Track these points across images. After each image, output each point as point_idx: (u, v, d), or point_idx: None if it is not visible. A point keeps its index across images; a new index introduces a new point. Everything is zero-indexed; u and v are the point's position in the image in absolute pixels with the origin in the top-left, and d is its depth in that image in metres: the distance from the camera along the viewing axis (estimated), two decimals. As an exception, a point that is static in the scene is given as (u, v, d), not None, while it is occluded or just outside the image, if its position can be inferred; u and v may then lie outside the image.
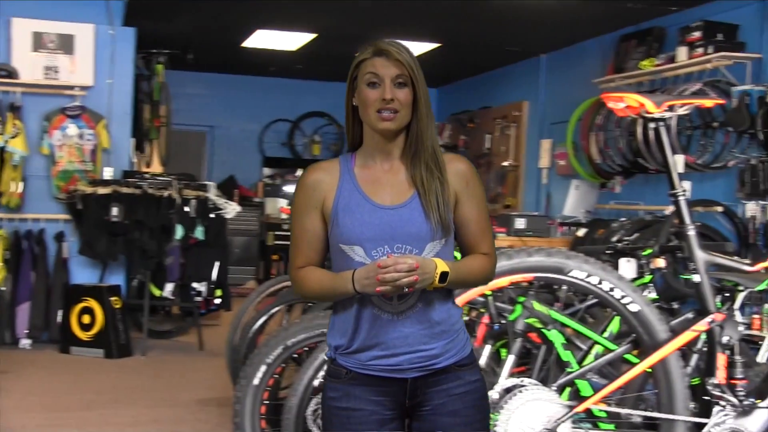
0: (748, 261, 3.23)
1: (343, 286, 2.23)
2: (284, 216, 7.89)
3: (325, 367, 2.44)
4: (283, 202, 12.05)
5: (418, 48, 9.78)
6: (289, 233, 2.38)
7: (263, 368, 4.02)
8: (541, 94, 10.34)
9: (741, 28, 7.10)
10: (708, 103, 4.13)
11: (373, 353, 2.29)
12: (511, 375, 3.35)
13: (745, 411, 3.05)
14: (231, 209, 8.00)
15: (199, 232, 7.68)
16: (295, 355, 4.45)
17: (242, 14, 8.84)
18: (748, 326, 6.22)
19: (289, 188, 12.04)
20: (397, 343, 2.27)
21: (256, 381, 4.00)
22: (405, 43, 2.32)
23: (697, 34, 7.15)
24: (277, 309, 5.50)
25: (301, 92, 12.93)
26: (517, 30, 9.00)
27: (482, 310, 4.60)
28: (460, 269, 2.28)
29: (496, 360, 3.85)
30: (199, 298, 7.88)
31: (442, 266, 2.20)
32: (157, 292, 7.79)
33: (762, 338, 5.88)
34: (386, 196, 2.29)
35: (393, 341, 2.27)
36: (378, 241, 2.24)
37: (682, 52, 7.29)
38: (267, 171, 12.80)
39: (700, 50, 7.08)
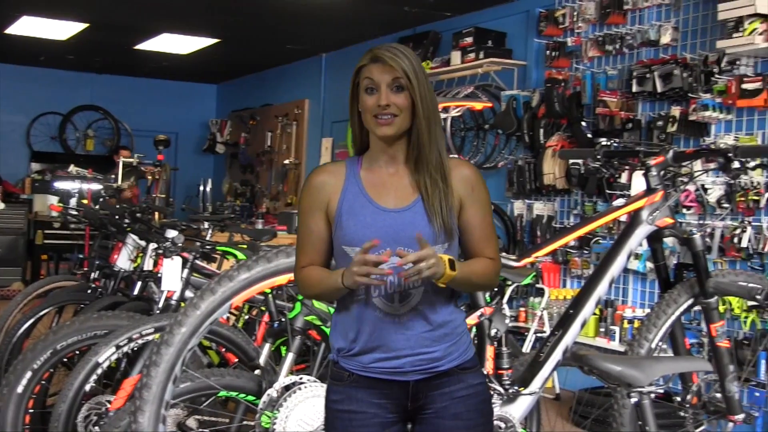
0: (515, 257, 3.38)
1: (334, 281, 2.21)
2: (54, 214, 7.51)
3: (328, 370, 2.41)
4: (53, 199, 11.42)
5: (196, 43, 9.53)
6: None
7: (29, 374, 3.81)
8: (322, 93, 10.45)
9: (509, 36, 7.48)
10: (478, 105, 4.32)
11: (375, 356, 2.28)
12: (291, 372, 3.35)
13: (510, 398, 3.20)
14: (-6, 206, 7.59)
15: (-43, 231, 7.22)
16: (65, 359, 4.25)
17: (6, -1, 8.35)
18: (515, 318, 6.57)
19: (60, 184, 11.45)
20: (399, 345, 2.26)
21: (19, 389, 3.79)
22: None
23: (469, 40, 7.47)
24: (45, 311, 5.24)
25: (74, 84, 12.41)
26: (297, 28, 9.03)
27: (262, 309, 4.59)
28: (464, 268, 2.26)
29: (276, 358, 3.84)
30: (-43, 302, 7.41)
31: (445, 256, 2.19)
32: None
33: (527, 329, 6.24)
34: (390, 200, 2.30)
35: (395, 344, 2.26)
36: (381, 244, 2.20)
37: (455, 57, 7.59)
38: (35, 166, 12.19)
39: (471, 55, 7.39)
